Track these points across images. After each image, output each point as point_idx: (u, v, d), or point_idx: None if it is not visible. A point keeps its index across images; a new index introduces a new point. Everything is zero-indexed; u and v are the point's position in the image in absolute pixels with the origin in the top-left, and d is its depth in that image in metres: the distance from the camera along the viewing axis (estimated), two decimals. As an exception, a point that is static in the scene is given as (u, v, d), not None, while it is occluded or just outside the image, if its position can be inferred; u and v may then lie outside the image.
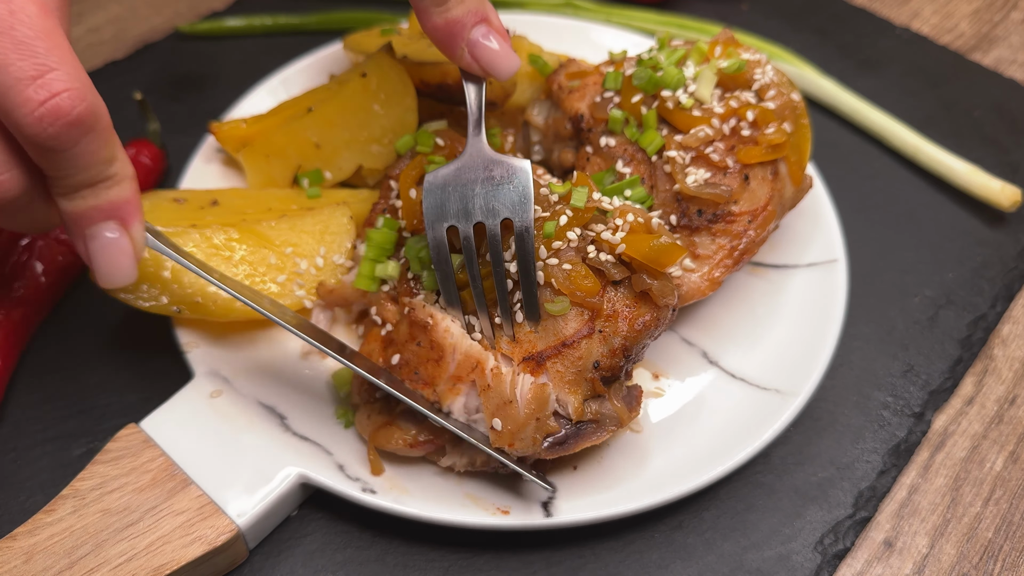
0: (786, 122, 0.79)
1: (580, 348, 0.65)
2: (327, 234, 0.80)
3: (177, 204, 0.83)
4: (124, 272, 0.58)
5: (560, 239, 0.68)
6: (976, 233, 0.97)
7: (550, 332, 0.66)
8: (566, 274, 0.66)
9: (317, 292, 0.78)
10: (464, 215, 0.68)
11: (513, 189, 0.67)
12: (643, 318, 0.66)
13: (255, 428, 0.72)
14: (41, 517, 0.65)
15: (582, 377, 0.65)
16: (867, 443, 0.79)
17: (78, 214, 0.56)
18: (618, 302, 0.66)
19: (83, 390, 0.80)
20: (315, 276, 0.79)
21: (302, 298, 0.78)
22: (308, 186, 0.86)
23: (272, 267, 0.77)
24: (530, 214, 0.67)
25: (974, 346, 0.87)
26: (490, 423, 0.65)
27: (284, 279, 0.77)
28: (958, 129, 1.10)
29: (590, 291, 0.66)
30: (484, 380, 0.66)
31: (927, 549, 0.73)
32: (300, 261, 0.78)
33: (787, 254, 0.87)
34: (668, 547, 0.71)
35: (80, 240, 0.58)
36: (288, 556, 0.70)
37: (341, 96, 0.84)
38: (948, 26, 1.27)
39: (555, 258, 0.67)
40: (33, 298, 0.82)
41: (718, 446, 0.72)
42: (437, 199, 0.68)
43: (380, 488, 0.69)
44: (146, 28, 1.21)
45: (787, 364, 0.78)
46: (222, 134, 0.89)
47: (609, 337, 0.65)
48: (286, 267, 0.78)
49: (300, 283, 0.78)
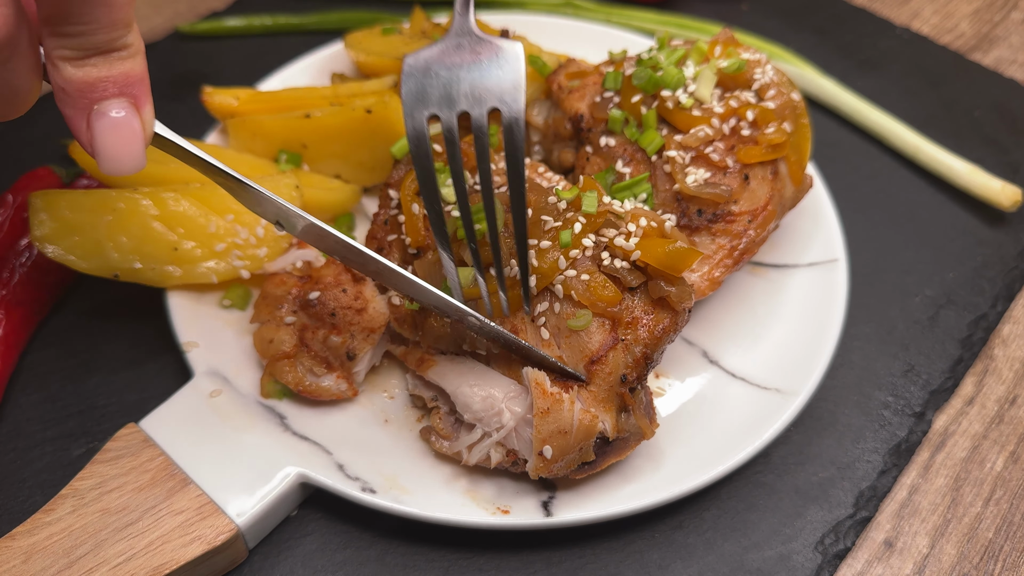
0: (786, 122, 0.79)
1: (608, 363, 0.64)
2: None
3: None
4: (133, 157, 0.51)
5: (576, 247, 0.66)
6: (976, 233, 0.97)
7: (575, 347, 0.64)
8: (585, 285, 0.64)
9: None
10: (447, 102, 0.60)
11: (504, 74, 0.60)
12: (662, 323, 0.64)
13: (255, 428, 0.71)
14: (40, 517, 0.65)
15: (613, 392, 0.64)
16: (868, 443, 0.79)
17: (86, 85, 0.49)
18: (636, 309, 0.65)
19: (82, 390, 0.80)
20: (255, 246, 0.77)
21: (239, 268, 0.77)
22: (284, 161, 0.87)
23: (211, 235, 0.76)
24: (522, 103, 0.59)
25: (975, 346, 0.87)
26: (540, 448, 0.63)
27: (223, 248, 0.76)
28: (958, 129, 1.09)
29: (612, 300, 0.63)
30: (543, 402, 0.63)
31: (927, 549, 0.73)
32: (241, 230, 0.77)
33: (787, 254, 0.87)
34: (668, 547, 0.71)
35: (82, 117, 0.50)
36: (288, 556, 0.70)
37: (340, 117, 0.84)
38: (948, 26, 1.27)
39: (572, 269, 0.65)
40: (33, 298, 0.81)
41: (718, 446, 0.72)
42: (417, 83, 0.61)
43: (380, 488, 0.69)
44: (145, 28, 1.20)
45: (787, 364, 0.78)
46: (213, 102, 0.89)
47: (631, 346, 0.64)
48: (225, 236, 0.76)
49: (239, 253, 0.77)
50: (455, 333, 0.69)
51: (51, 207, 0.75)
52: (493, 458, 0.67)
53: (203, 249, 0.77)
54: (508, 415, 0.66)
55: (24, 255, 0.82)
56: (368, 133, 0.85)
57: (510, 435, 0.66)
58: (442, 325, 0.69)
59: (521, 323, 0.66)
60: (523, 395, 0.66)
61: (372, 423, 0.74)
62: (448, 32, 0.63)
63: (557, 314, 0.65)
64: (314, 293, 0.70)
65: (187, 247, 0.76)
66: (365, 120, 0.84)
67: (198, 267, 0.77)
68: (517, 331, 0.66)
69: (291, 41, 1.17)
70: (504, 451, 0.67)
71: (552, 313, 0.66)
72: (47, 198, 0.76)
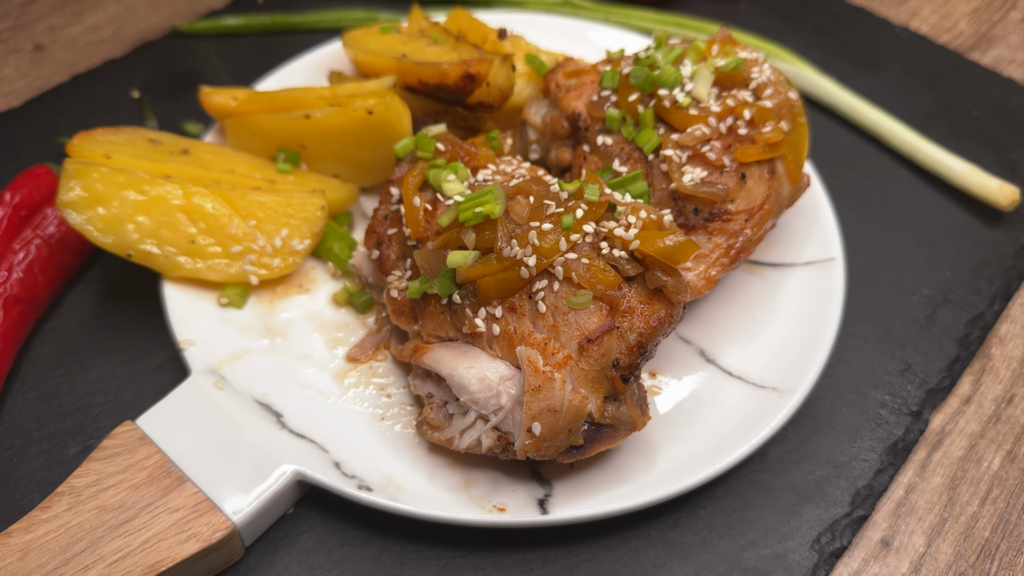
0: (783, 121, 0.79)
1: (603, 344, 0.64)
2: (294, 218, 0.81)
3: (152, 144, 0.84)
4: None
5: (577, 232, 0.67)
6: (974, 232, 0.97)
7: (572, 327, 0.65)
8: (586, 267, 0.65)
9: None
10: None
11: None
12: (658, 314, 0.65)
13: (251, 425, 0.71)
14: (37, 514, 0.65)
15: (604, 375, 0.65)
16: (864, 442, 0.79)
17: None
18: (633, 298, 0.65)
19: (80, 388, 0.80)
20: (270, 255, 0.79)
21: (249, 272, 0.78)
22: (282, 160, 0.87)
23: (230, 236, 0.77)
24: None
25: (972, 345, 0.87)
26: (528, 425, 0.64)
27: (239, 250, 0.77)
28: (956, 128, 1.09)
29: (611, 283, 0.65)
30: (535, 379, 0.64)
31: (924, 548, 0.73)
32: (260, 237, 0.78)
33: (784, 253, 0.87)
34: (664, 545, 0.71)
35: None
36: (284, 554, 0.70)
37: (341, 118, 0.84)
38: (947, 25, 1.27)
39: (573, 252, 0.66)
40: (30, 296, 0.81)
41: (715, 444, 0.72)
42: None
43: (376, 485, 0.68)
44: (145, 27, 1.21)
45: (784, 362, 0.78)
46: (211, 102, 0.90)
47: (626, 333, 0.65)
48: (244, 240, 0.78)
49: (252, 259, 0.78)
50: (455, 317, 0.69)
51: (83, 175, 0.76)
52: (484, 443, 0.67)
53: (220, 247, 0.78)
54: (505, 397, 0.66)
55: (21, 253, 0.82)
56: (368, 134, 0.85)
57: (506, 417, 0.66)
58: (442, 310, 0.69)
59: (518, 299, 0.67)
60: (518, 376, 0.66)
61: (369, 421, 0.74)
62: None
63: (556, 292, 0.65)
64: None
65: (204, 242, 0.77)
66: (366, 121, 0.84)
67: (210, 263, 0.78)
68: (514, 307, 0.67)
69: (290, 40, 1.17)
70: (496, 436, 0.67)
71: (551, 291, 0.66)
72: (81, 167, 0.76)
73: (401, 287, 0.73)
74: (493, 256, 0.66)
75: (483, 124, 0.90)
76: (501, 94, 0.87)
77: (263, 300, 0.81)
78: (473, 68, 0.84)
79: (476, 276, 0.66)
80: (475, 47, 0.91)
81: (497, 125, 0.92)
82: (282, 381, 0.76)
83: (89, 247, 0.87)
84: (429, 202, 0.74)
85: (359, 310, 0.82)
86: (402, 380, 0.77)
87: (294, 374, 0.77)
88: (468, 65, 0.84)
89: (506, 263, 0.65)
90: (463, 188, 0.73)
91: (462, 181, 0.74)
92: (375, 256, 0.77)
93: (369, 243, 0.79)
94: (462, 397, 0.67)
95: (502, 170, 0.76)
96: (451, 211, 0.69)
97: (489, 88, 0.85)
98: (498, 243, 0.66)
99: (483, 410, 0.67)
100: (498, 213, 0.66)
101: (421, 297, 0.71)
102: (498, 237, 0.66)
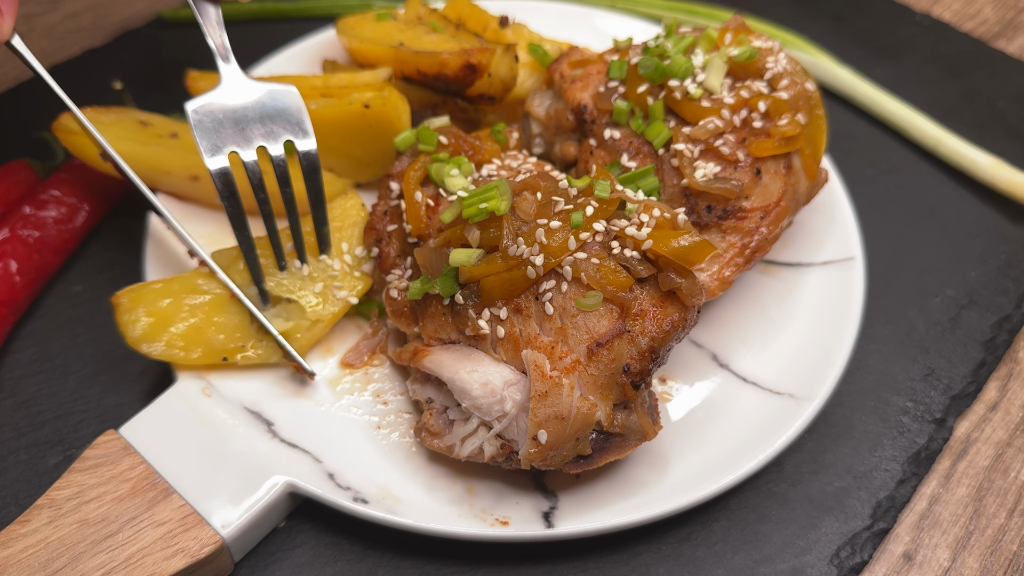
0: (800, 113, 0.78)
1: (613, 349, 0.63)
2: (345, 228, 0.80)
3: (142, 126, 0.84)
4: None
5: (587, 230, 0.65)
6: (1000, 229, 0.97)
7: (581, 330, 0.64)
8: (596, 267, 0.64)
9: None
10: (244, 140, 0.70)
11: (287, 108, 0.72)
12: (671, 318, 0.64)
13: (240, 434, 0.70)
14: (15, 528, 0.63)
15: (613, 381, 0.64)
16: (885, 451, 0.78)
17: None
18: (644, 301, 0.64)
19: (59, 395, 0.79)
20: (348, 273, 0.78)
21: (345, 298, 0.77)
22: None
23: (306, 279, 0.77)
24: (311, 130, 0.72)
25: (998, 349, 0.86)
26: (534, 432, 0.63)
27: (321, 288, 0.76)
28: (981, 120, 1.09)
29: (622, 285, 0.64)
30: (541, 385, 0.63)
31: (948, 563, 0.72)
32: (332, 262, 0.78)
33: (801, 252, 0.86)
34: (676, 560, 0.70)
35: None
36: (275, 569, 0.69)
37: (336, 110, 0.83)
38: (971, 12, 1.26)
39: (582, 251, 0.65)
40: (7, 299, 0.80)
41: (728, 453, 0.71)
42: (209, 129, 0.69)
43: (372, 498, 0.68)
44: (127, 14, 1.19)
45: (801, 367, 0.77)
46: (199, 88, 0.87)
47: (637, 338, 0.64)
48: (320, 275, 0.77)
49: (339, 284, 0.77)
50: (457, 319, 0.67)
51: (140, 300, 0.72)
52: (487, 451, 0.66)
53: (312, 296, 0.77)
54: (510, 403, 0.65)
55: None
56: (364, 128, 0.83)
57: (511, 424, 0.65)
58: (443, 311, 0.68)
59: (524, 300, 0.65)
60: (523, 381, 0.65)
61: (364, 429, 0.73)
62: (220, 82, 0.73)
63: (564, 293, 0.64)
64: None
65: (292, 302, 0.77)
66: (362, 115, 0.82)
67: (313, 311, 0.76)
68: (519, 308, 0.65)
69: (280, 27, 1.16)
70: (499, 444, 0.66)
71: (559, 292, 0.65)
72: (133, 294, 0.73)
73: (401, 287, 0.73)
74: (498, 255, 0.65)
75: (484, 117, 0.90)
76: (503, 85, 0.86)
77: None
78: (474, 58, 0.83)
79: (480, 275, 0.65)
80: (476, 36, 0.90)
81: (499, 118, 0.91)
82: (273, 388, 0.74)
83: (70, 247, 0.86)
84: (431, 197, 0.73)
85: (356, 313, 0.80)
86: (399, 386, 0.76)
87: (285, 380, 0.75)
88: (469, 55, 0.83)
89: (512, 262, 0.64)
90: (467, 183, 0.73)
91: (466, 176, 0.74)
92: (374, 253, 0.77)
93: (368, 240, 0.78)
94: (464, 403, 0.66)
95: (507, 165, 0.76)
96: (454, 207, 0.68)
97: (491, 79, 0.85)
98: (504, 241, 0.65)
99: (486, 416, 0.66)
100: (504, 209, 0.65)
101: (422, 298, 0.70)
102: (504, 235, 0.65)
